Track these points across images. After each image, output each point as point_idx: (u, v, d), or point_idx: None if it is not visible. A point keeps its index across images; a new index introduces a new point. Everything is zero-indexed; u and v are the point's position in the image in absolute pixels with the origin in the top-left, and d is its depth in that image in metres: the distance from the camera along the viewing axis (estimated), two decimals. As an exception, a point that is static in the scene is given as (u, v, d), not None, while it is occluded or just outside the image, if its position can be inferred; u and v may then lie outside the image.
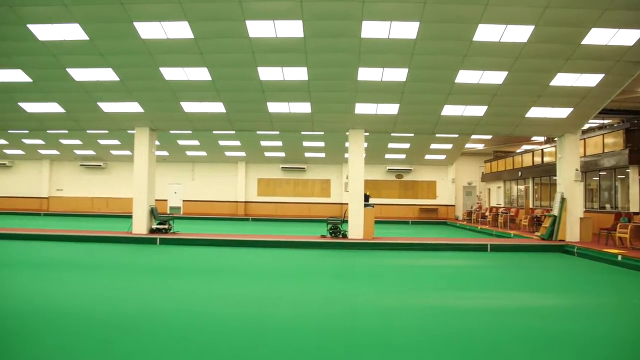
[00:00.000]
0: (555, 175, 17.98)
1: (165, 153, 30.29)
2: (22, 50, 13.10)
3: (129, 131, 19.47)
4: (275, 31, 11.80)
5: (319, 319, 6.78)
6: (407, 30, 11.61)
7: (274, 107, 16.00)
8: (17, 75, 14.45)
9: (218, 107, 16.13)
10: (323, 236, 17.09)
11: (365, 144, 17.80)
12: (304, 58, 12.96)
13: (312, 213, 31.91)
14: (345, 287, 9.40)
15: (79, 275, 10.10)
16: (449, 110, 15.76)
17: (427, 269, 11.94)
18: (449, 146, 27.33)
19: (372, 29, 11.63)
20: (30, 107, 16.86)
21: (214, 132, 23.81)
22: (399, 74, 13.72)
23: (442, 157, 29.89)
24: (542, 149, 23.83)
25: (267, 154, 30.02)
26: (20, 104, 16.56)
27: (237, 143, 27.58)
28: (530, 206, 25.11)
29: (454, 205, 32.15)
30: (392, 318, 6.86)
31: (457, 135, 24.03)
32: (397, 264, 12.79)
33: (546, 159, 23.15)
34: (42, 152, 31.67)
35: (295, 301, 7.95)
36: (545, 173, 23.04)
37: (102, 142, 28.20)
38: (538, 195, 24.80)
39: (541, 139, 25.73)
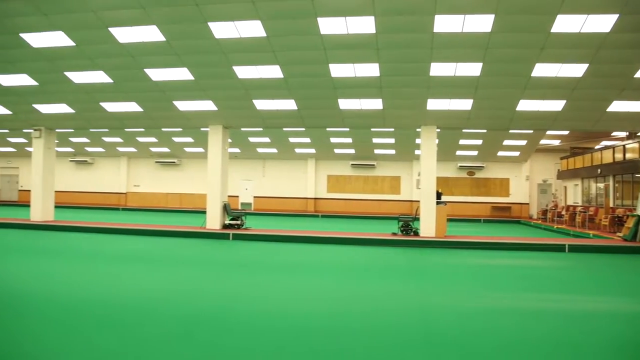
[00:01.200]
0: (638, 173, 17.10)
1: (237, 150, 30.88)
2: (104, 53, 13.65)
3: (202, 129, 20.03)
4: (346, 28, 11.77)
5: (393, 317, 6.72)
6: (481, 23, 11.30)
7: (345, 103, 15.99)
8: (99, 77, 15.09)
9: (289, 105, 16.29)
10: (394, 234, 16.96)
11: (436, 141, 17.51)
12: (376, 54, 12.87)
13: (381, 210, 31.76)
14: (418, 286, 9.30)
15: (160, 269, 10.47)
16: (525, 105, 15.28)
17: (501, 269, 11.64)
18: (523, 142, 26.51)
19: (445, 23, 11.40)
20: (110, 106, 17.57)
21: (285, 129, 24.04)
22: (472, 69, 13.40)
23: (516, 153, 29.04)
24: (623, 145, 22.69)
25: (336, 150, 30.08)
26: (102, 103, 17.30)
27: (307, 140, 27.77)
28: (611, 205, 23.99)
29: (528, 204, 31.20)
30: (467, 319, 6.71)
31: (532, 131, 23.30)
32: (470, 263, 12.52)
33: (628, 155, 22.02)
34: (121, 149, 33.01)
35: (368, 299, 7.92)
36: (627, 170, 21.93)
37: (176, 139, 29.05)
38: (619, 194, 23.66)
39: (623, 134, 24.54)
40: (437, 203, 16.74)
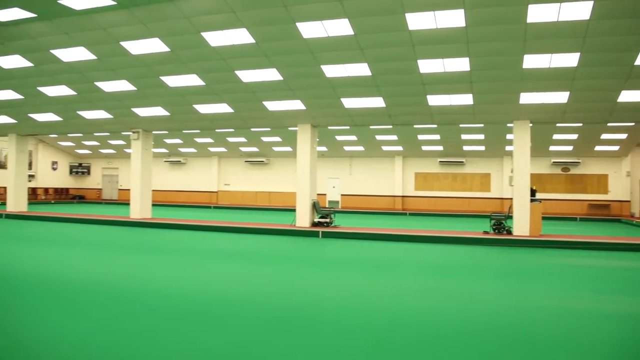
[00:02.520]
0: None
1: (324, 149, 31.14)
2: (197, 57, 14.14)
3: (290, 128, 20.34)
4: (435, 22, 11.56)
5: (490, 318, 6.55)
6: (579, 10, 10.74)
7: (434, 99, 15.72)
8: (192, 80, 15.67)
9: (377, 102, 16.22)
10: (486, 232, 16.50)
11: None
12: (466, 48, 12.57)
13: (471, 208, 31.06)
14: (514, 286, 8.99)
15: (255, 266, 10.73)
16: (627, 96, 14.42)
17: (603, 270, 11.04)
18: (623, 136, 25.05)
19: (540, 13, 10.93)
20: (202, 108, 18.21)
21: (372, 127, 23.99)
22: (569, 59, 12.78)
23: (615, 148, 27.50)
24: None
25: (424, 147, 29.69)
26: (194, 106, 17.96)
27: (395, 137, 27.57)
28: None
29: (629, 201, 29.45)
30: (570, 322, 6.41)
31: (633, 124, 21.99)
32: (568, 263, 11.96)
33: None
34: (212, 149, 34.18)
35: (463, 299, 7.74)
36: None
37: (265, 139, 29.69)
38: None
39: None
40: (531, 200, 16.15)
